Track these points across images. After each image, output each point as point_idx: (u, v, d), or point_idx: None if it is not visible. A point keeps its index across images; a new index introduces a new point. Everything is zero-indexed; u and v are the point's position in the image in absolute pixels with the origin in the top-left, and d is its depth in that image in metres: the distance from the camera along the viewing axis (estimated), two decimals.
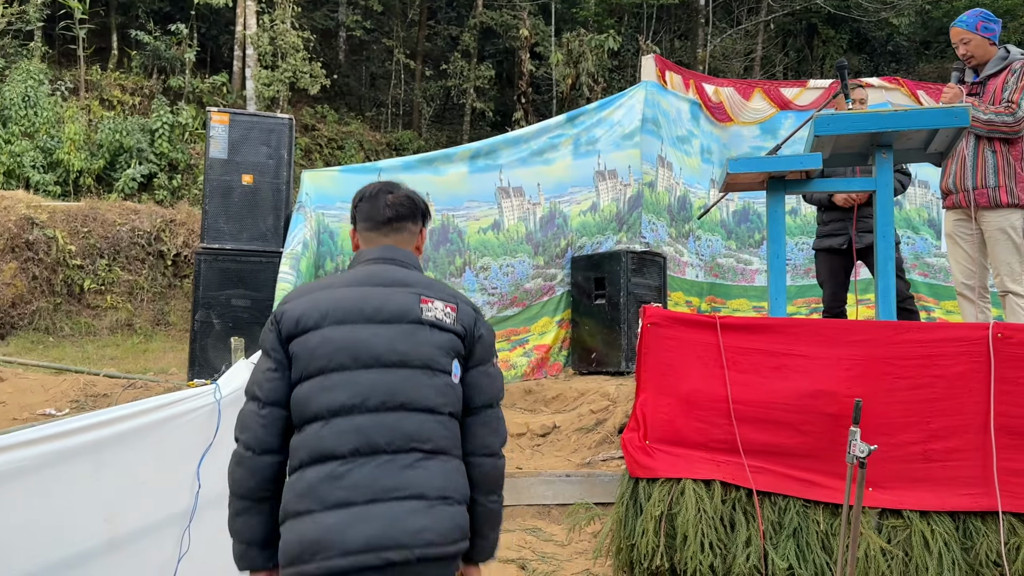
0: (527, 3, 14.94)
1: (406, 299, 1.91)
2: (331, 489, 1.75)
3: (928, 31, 16.59)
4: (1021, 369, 3.02)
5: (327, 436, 1.79)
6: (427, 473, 1.82)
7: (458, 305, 1.95)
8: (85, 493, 2.50)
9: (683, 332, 3.23)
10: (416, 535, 1.75)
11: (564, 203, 6.23)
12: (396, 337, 1.86)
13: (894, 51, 17.29)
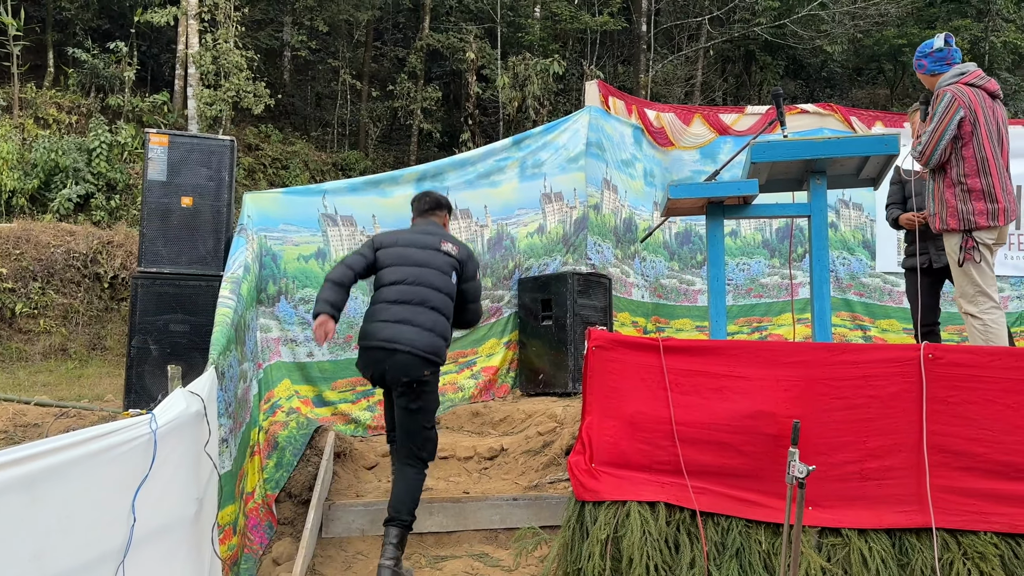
0: (473, 27, 15.05)
1: (433, 240, 3.92)
2: (380, 313, 3.76)
3: (860, 58, 17.24)
4: (951, 389, 3.13)
5: (386, 292, 3.79)
6: (426, 317, 3.73)
7: (459, 247, 3.95)
8: (14, 531, 2.39)
9: (627, 355, 3.26)
10: (408, 341, 3.66)
11: (511, 225, 6.26)
12: (425, 255, 3.85)
13: (828, 77, 17.90)
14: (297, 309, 5.13)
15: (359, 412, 5.38)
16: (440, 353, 3.71)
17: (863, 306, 7.39)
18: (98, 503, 2.60)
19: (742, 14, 15.18)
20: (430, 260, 3.81)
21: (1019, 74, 17.61)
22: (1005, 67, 16.75)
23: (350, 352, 5.36)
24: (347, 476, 4.49)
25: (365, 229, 5.43)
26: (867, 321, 7.35)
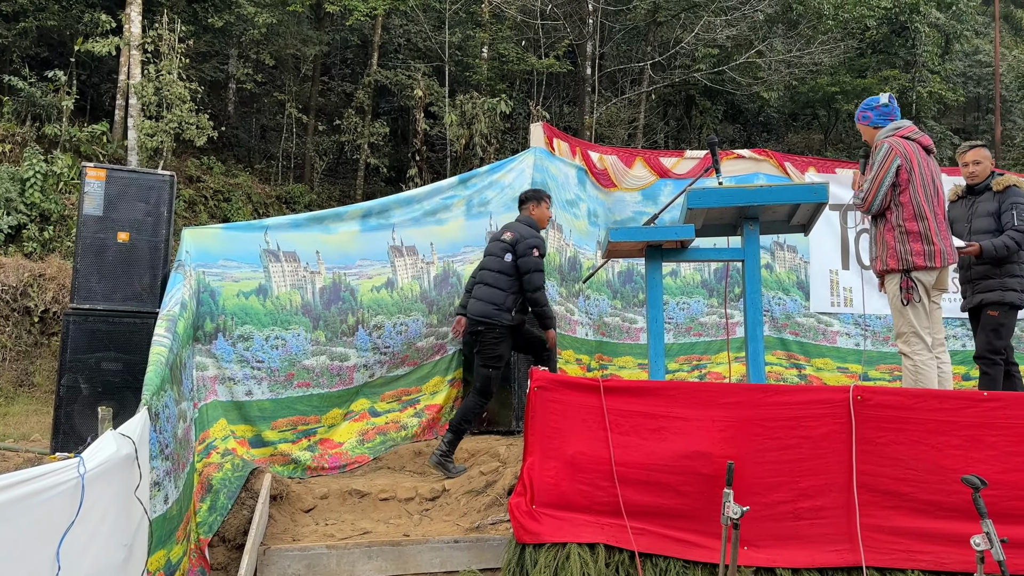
0: (422, 65, 15.19)
1: (500, 232, 5.27)
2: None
3: (796, 104, 17.93)
4: (879, 430, 3.25)
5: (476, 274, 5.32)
6: (480, 292, 5.10)
7: (515, 233, 5.12)
8: None
9: (569, 395, 3.30)
10: (470, 310, 5.13)
11: (458, 262, 6.28)
12: (491, 245, 5.25)
13: (765, 122, 18.55)
14: (236, 347, 5.04)
15: (299, 452, 5.28)
16: (487, 314, 5.06)
17: (798, 345, 7.59)
18: (20, 551, 2.50)
19: (683, 60, 15.67)
20: (492, 248, 5.21)
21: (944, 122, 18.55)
22: (931, 116, 17.63)
23: (291, 390, 5.28)
24: (283, 520, 4.39)
25: (309, 265, 5.39)
26: (802, 360, 7.54)
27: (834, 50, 15.31)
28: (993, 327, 4.85)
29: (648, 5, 15.39)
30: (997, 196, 5.06)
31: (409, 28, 15.90)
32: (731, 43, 15.12)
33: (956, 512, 3.07)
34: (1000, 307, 4.88)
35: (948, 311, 7.56)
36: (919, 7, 15.78)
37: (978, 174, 5.18)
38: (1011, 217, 4.95)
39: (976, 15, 19.48)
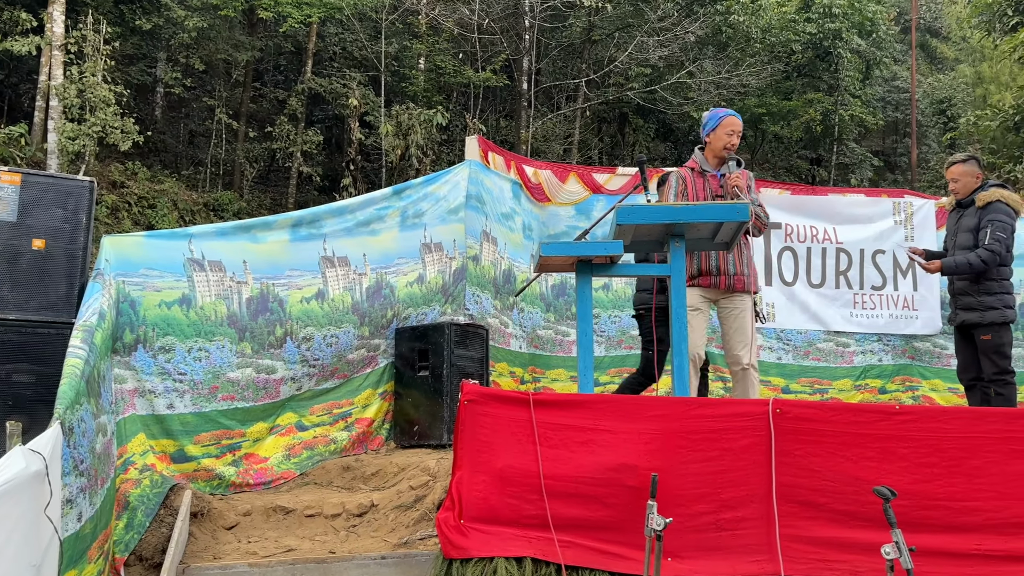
0: (357, 74, 15.08)
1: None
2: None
3: None
4: (797, 442, 3.35)
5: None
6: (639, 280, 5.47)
7: None
8: None
9: (499, 409, 3.31)
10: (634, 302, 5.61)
11: (391, 274, 6.23)
12: None
13: (696, 141, 18.98)
14: (157, 359, 4.87)
15: (223, 467, 5.14)
16: (642, 301, 5.42)
17: (723, 358, 7.78)
18: None
19: (616, 78, 15.97)
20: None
21: (864, 145, 19.36)
22: (852, 138, 18.38)
23: (215, 403, 5.14)
24: (204, 537, 4.26)
25: (235, 275, 5.26)
26: (727, 373, 7.73)
27: (761, 72, 15.83)
28: (994, 350, 4.85)
29: (583, 23, 15.65)
30: (979, 212, 5.02)
31: (345, 37, 15.78)
32: (663, 63, 15.49)
33: (870, 522, 3.19)
34: (988, 329, 4.87)
35: (867, 327, 7.89)
36: (842, 33, 16.46)
37: (958, 191, 5.18)
38: (984, 235, 4.92)
39: (895, 43, 20.43)
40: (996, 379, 4.74)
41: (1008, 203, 4.87)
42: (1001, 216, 4.87)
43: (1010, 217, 4.86)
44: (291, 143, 14.62)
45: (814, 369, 7.54)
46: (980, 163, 5.24)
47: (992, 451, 3.36)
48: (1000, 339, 4.78)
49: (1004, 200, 4.91)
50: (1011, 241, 4.89)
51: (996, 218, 4.87)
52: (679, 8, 15.41)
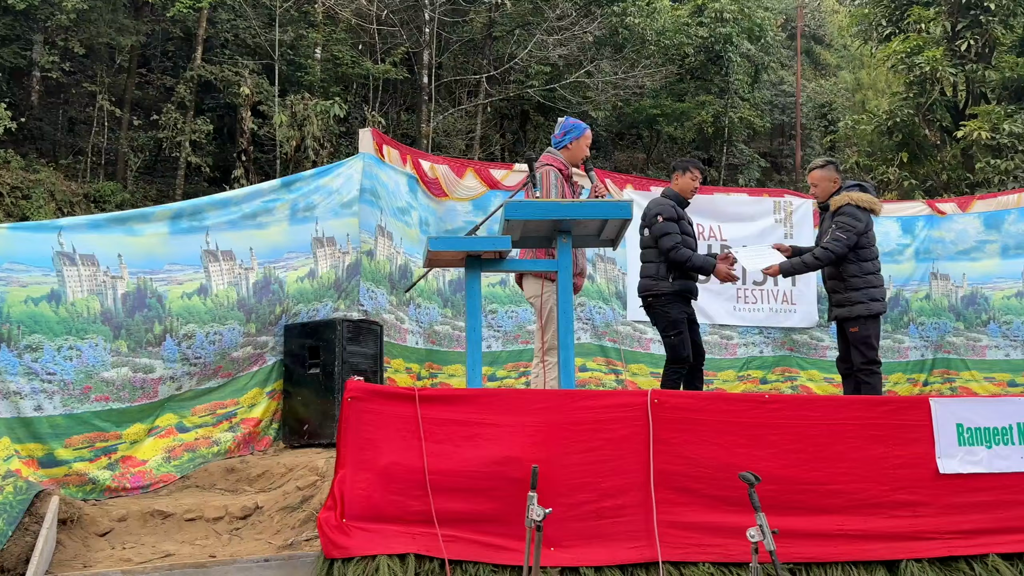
0: (251, 62, 14.59)
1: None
2: None
3: (622, 124, 18.87)
4: (674, 431, 3.47)
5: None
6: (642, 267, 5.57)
7: (646, 209, 5.63)
8: None
9: (383, 405, 3.28)
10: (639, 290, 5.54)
11: (280, 269, 6.06)
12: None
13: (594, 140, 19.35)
14: (23, 358, 4.58)
15: (97, 471, 4.88)
16: (647, 288, 5.47)
17: (616, 352, 7.98)
18: None
19: (517, 75, 16.07)
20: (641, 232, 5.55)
21: (753, 146, 20.18)
22: (742, 140, 19.11)
23: (88, 404, 4.87)
24: (74, 545, 4.04)
25: (110, 269, 5.00)
26: (620, 366, 7.93)
27: (656, 74, 16.27)
28: (861, 341, 5.09)
29: (484, 19, 15.67)
30: (832, 215, 5.28)
31: (237, 23, 15.22)
32: (562, 62, 15.69)
33: (741, 506, 3.32)
34: (856, 322, 5.11)
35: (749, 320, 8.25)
36: (732, 38, 17.10)
37: (818, 194, 5.45)
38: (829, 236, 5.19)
39: (782, 48, 21.40)
40: (863, 368, 5.05)
41: (859, 204, 5.17)
42: (846, 218, 5.14)
43: (857, 219, 5.12)
44: (179, 132, 14.00)
45: None
46: (838, 168, 5.57)
47: (853, 437, 3.58)
48: (867, 331, 5.09)
49: (855, 202, 5.18)
50: (857, 240, 5.13)
51: (840, 220, 5.15)
52: (577, 8, 15.65)
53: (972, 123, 12.37)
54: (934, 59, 12.72)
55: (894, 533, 3.50)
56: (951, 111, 14.14)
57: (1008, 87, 12.86)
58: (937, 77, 12.99)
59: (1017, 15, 12.82)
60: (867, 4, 15.72)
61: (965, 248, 8.40)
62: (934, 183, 13.67)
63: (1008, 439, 3.74)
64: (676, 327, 5.30)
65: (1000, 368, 8.16)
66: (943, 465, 3.61)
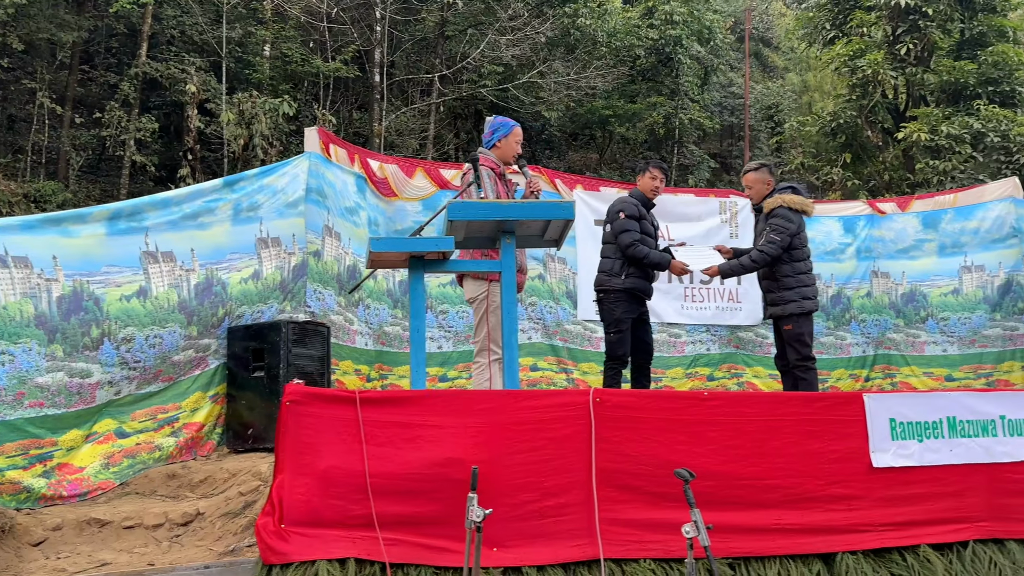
0: (197, 58, 14.29)
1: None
2: None
3: (576, 125, 18.96)
4: (616, 429, 3.49)
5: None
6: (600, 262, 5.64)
7: (610, 206, 5.72)
8: None
9: (323, 409, 3.24)
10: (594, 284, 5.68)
11: (223, 270, 5.96)
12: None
13: (548, 140, 19.44)
14: None
15: (32, 479, 4.74)
16: (600, 283, 5.57)
17: (567, 351, 8.02)
18: None
19: (470, 75, 16.04)
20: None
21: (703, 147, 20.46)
22: (692, 141, 19.37)
23: (22, 411, 4.74)
24: (6, 556, 3.91)
25: (44, 271, 4.86)
26: (571, 364, 7.97)
27: (607, 75, 16.37)
28: (795, 338, 5.24)
29: (436, 18, 15.60)
30: (766, 217, 5.44)
31: (184, 20, 14.91)
32: (515, 62, 15.70)
33: (681, 502, 3.35)
34: (789, 320, 5.26)
35: (697, 318, 8.36)
36: (682, 40, 17.31)
37: (752, 196, 5.60)
38: (763, 239, 5.35)
39: (731, 51, 21.74)
40: (799, 365, 5.17)
41: (791, 206, 5.31)
42: (779, 220, 5.29)
43: (789, 221, 5.27)
44: (123, 131, 13.65)
45: None
46: (772, 170, 5.71)
47: (790, 433, 3.65)
48: (800, 328, 5.22)
49: (786, 204, 5.32)
50: (790, 241, 5.27)
51: (775, 223, 5.31)
52: (529, 8, 15.68)
53: (912, 125, 12.73)
54: (875, 62, 13.06)
55: (830, 526, 3.58)
56: (892, 113, 14.54)
57: (946, 90, 13.26)
58: (878, 80, 13.33)
59: (954, 20, 13.23)
60: (812, 8, 16.06)
61: (904, 247, 8.65)
62: (877, 183, 14.03)
63: (939, 433, 3.85)
64: (617, 325, 5.38)
65: (938, 363, 8.42)
66: (876, 459, 3.71)
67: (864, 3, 13.99)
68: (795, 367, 5.16)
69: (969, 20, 13.34)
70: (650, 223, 5.64)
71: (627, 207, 5.50)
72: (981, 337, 8.30)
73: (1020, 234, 8.18)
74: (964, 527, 3.76)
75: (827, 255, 8.57)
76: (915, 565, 3.62)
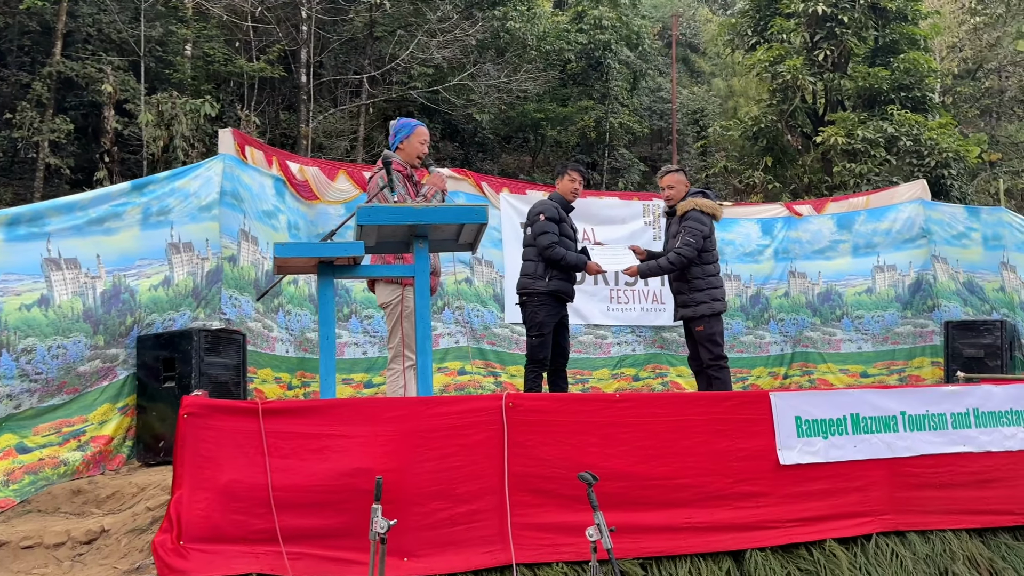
0: (115, 57, 13.80)
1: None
2: None
3: (509, 128, 19.01)
4: (528, 433, 3.49)
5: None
6: (522, 265, 5.67)
7: (530, 208, 5.83)
8: None
9: (224, 421, 3.14)
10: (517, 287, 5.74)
11: (131, 277, 5.74)
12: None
13: (481, 142, 19.43)
14: None
15: None
16: (523, 286, 5.57)
17: (495, 354, 8.01)
18: None
19: (400, 77, 15.91)
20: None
21: (634, 151, 20.74)
22: (623, 144, 19.62)
23: None
24: None
25: None
26: (498, 368, 7.96)
27: (538, 79, 16.46)
28: (707, 339, 5.35)
29: (364, 19, 15.42)
30: (680, 219, 5.55)
31: (101, 18, 14.38)
32: (446, 64, 15.64)
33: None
34: (700, 321, 5.37)
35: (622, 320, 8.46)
36: (611, 45, 17.53)
37: (672, 197, 5.66)
38: (678, 241, 5.44)
39: (659, 56, 22.11)
40: (712, 364, 5.29)
41: (703, 210, 5.46)
42: (693, 223, 5.43)
43: (703, 224, 5.44)
44: (36, 132, 13.08)
45: (575, 360, 7.92)
46: (687, 174, 5.86)
47: (700, 432, 3.71)
48: (711, 329, 5.34)
49: (699, 207, 5.47)
50: (703, 243, 5.43)
51: (689, 225, 5.44)
52: (459, 11, 15.64)
53: (829, 129, 13.16)
54: (795, 68, 13.46)
55: (739, 524, 3.64)
56: (811, 118, 15.01)
57: (862, 95, 13.76)
58: (798, 85, 13.75)
59: (868, 28, 13.73)
60: (736, 14, 16.45)
61: (820, 247, 8.92)
62: (797, 186, 14.46)
63: (843, 429, 3.97)
64: (540, 329, 5.39)
65: (853, 360, 8.70)
66: (783, 456, 3.79)
67: (784, 10, 14.41)
68: (708, 367, 5.27)
69: (883, 28, 13.87)
70: (569, 226, 5.67)
71: (547, 209, 5.53)
72: (893, 334, 8.61)
73: (929, 234, 8.51)
74: (867, 521, 3.88)
75: (746, 256, 8.77)
76: (821, 560, 3.71)
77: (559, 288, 5.51)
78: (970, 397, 4.22)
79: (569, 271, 5.54)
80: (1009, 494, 4.11)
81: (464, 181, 8.11)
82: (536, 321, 5.45)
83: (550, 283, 5.46)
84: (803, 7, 13.48)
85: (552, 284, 5.47)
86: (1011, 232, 8.00)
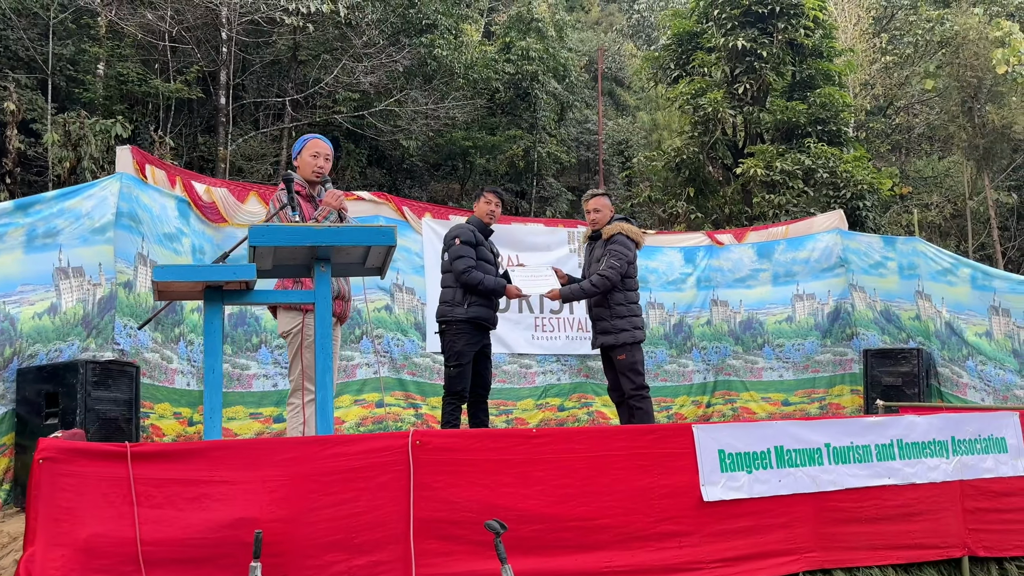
0: (22, 75, 13.06)
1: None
2: None
3: (438, 155, 18.80)
4: (436, 474, 3.21)
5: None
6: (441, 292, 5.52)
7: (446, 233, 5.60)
8: None
9: (87, 466, 2.77)
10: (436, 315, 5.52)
11: (12, 303, 5.24)
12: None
13: (410, 169, 19.16)
14: None
15: None
16: (442, 314, 5.35)
17: (415, 385, 7.69)
18: None
19: (324, 101, 15.56)
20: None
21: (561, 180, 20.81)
22: (551, 174, 19.65)
23: None
24: None
25: None
26: (419, 399, 7.64)
27: (466, 107, 16.34)
28: (629, 367, 5.18)
29: (288, 42, 15.07)
30: (605, 243, 5.43)
31: (7, 34, 13.63)
32: (372, 89, 15.37)
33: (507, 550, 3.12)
34: (622, 349, 5.21)
35: (547, 348, 8.26)
36: (539, 76, 17.59)
37: (598, 221, 5.53)
38: (603, 264, 5.31)
39: (586, 88, 22.36)
40: (634, 394, 5.13)
41: (628, 235, 5.35)
42: (618, 247, 5.33)
43: (628, 248, 5.34)
44: None
45: (499, 391, 7.68)
46: (611, 199, 5.76)
47: (620, 468, 3.50)
48: (633, 357, 5.18)
49: (624, 232, 5.38)
50: (628, 269, 5.33)
51: (614, 249, 5.33)
52: (386, 36, 15.44)
53: (749, 161, 13.39)
54: (715, 101, 13.69)
55: (661, 566, 3.43)
56: (732, 150, 15.28)
57: (780, 128, 14.07)
58: (718, 118, 13.97)
59: (786, 63, 14.10)
60: (659, 49, 16.71)
61: (741, 276, 8.94)
62: (719, 216, 14.64)
63: (767, 463, 3.82)
64: (458, 359, 5.14)
65: (775, 388, 8.70)
66: (707, 492, 3.61)
67: (705, 44, 14.69)
68: (631, 397, 5.10)
69: (799, 64, 14.26)
70: (488, 249, 5.45)
71: (462, 233, 5.31)
72: (814, 362, 8.66)
73: (846, 264, 8.63)
74: (794, 559, 3.73)
75: (669, 284, 8.72)
76: None
77: (478, 315, 5.27)
78: (893, 428, 4.14)
79: (488, 296, 5.31)
80: (933, 527, 4.02)
81: (385, 205, 7.83)
82: (454, 351, 5.19)
83: (469, 310, 5.22)
84: (723, 41, 13.76)
85: (471, 311, 5.23)
86: (926, 261, 8.17)
